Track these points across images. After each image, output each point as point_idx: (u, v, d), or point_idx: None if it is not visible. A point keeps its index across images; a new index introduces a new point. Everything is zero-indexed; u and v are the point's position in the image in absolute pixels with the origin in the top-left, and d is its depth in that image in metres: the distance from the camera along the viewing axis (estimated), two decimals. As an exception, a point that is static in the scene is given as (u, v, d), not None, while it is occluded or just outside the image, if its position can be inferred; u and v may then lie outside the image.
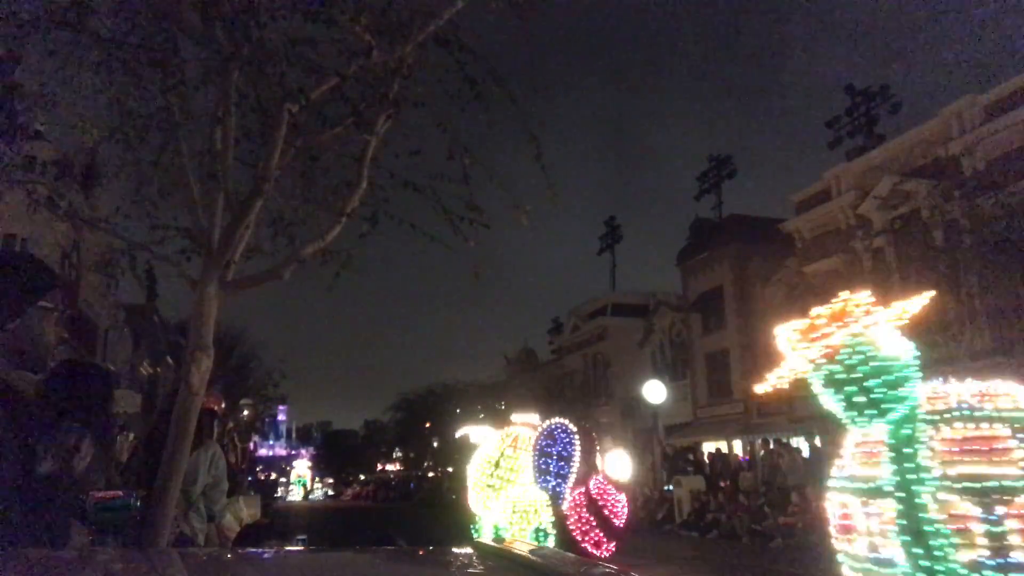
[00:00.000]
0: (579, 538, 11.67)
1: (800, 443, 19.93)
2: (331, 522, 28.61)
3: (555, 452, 12.52)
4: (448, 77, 4.63)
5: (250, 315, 49.95)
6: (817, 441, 20.86)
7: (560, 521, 11.58)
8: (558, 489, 12.21)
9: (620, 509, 10.93)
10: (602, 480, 11.48)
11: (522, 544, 1.66)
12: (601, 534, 11.57)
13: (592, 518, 11.10)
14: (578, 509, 11.44)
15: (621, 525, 10.61)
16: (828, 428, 22.40)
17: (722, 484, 20.80)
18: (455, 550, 1.65)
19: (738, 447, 27.56)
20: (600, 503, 11.10)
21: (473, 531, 11.58)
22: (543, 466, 12.36)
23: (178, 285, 4.18)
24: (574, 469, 11.93)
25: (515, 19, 4.53)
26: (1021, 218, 13.36)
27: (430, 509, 38.47)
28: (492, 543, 1.64)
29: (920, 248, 15.28)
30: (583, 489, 11.28)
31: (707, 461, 23.43)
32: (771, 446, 19.85)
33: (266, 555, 1.94)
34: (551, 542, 10.94)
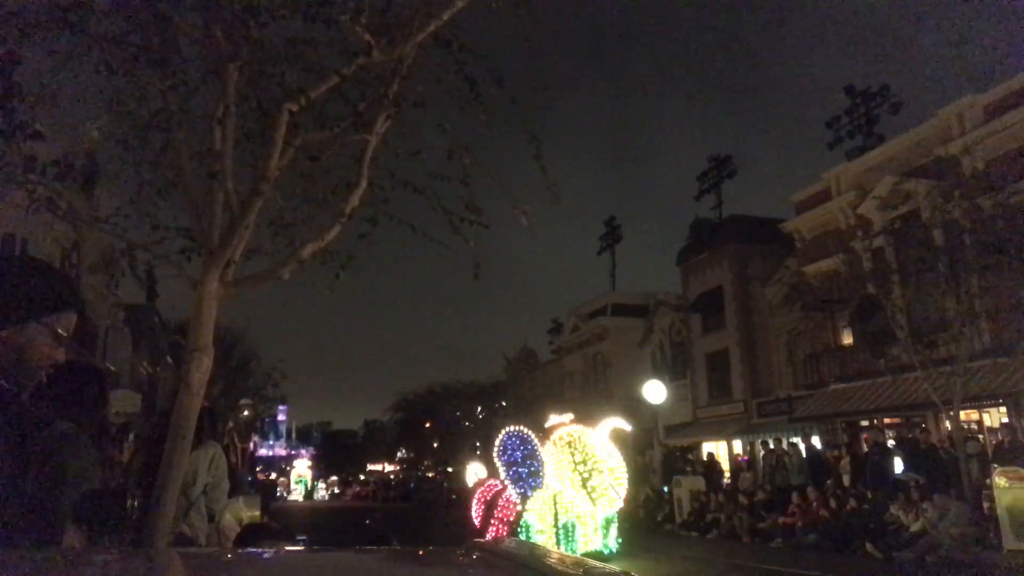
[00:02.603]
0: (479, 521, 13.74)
1: (799, 443, 19.88)
2: (332, 522, 28.59)
3: (519, 458, 13.09)
4: (448, 77, 4.63)
5: (250, 315, 49.91)
6: (816, 441, 20.87)
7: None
8: (533, 486, 12.83)
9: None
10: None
11: (522, 544, 1.66)
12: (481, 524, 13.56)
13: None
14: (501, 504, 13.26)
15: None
16: (827, 429, 22.44)
17: (719, 482, 20.83)
18: (455, 550, 1.65)
19: (738, 447, 27.57)
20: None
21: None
22: (514, 475, 13.01)
23: (178, 285, 4.18)
24: (541, 465, 12.73)
25: (515, 19, 4.53)
26: (1021, 218, 13.35)
27: (430, 510, 38.49)
28: (492, 543, 1.64)
29: (920, 248, 15.23)
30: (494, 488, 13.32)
31: (705, 461, 23.45)
32: (771, 446, 19.84)
33: (266, 555, 1.93)
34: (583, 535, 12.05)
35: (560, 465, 12.56)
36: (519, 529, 12.75)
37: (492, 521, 13.17)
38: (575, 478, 12.36)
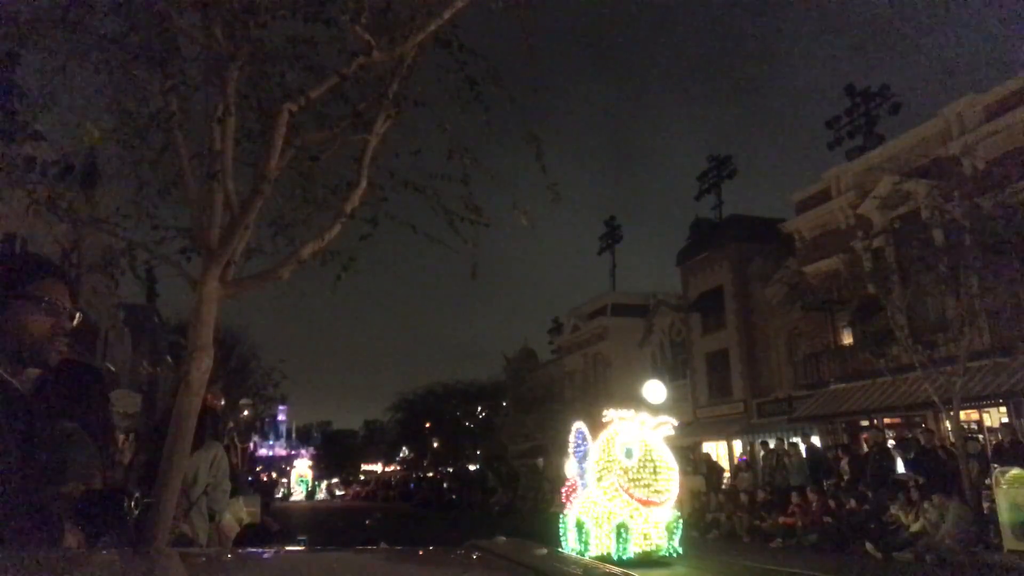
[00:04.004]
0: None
1: (799, 443, 19.88)
2: (332, 522, 28.59)
3: (581, 453, 13.10)
4: (448, 77, 4.64)
5: (250, 315, 49.99)
6: (816, 441, 20.87)
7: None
8: (585, 482, 12.82)
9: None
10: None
11: (520, 544, 1.66)
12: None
13: None
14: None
15: None
16: (827, 429, 22.42)
17: (719, 482, 20.81)
18: (455, 550, 1.65)
19: (738, 447, 27.55)
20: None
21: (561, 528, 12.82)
22: (579, 471, 12.95)
23: (178, 285, 4.18)
24: (590, 461, 12.69)
25: (515, 19, 4.53)
26: (1021, 218, 13.33)
27: (430, 509, 38.51)
28: (492, 543, 1.64)
29: (920, 248, 15.22)
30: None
31: (705, 461, 23.44)
32: (772, 446, 19.83)
33: (266, 555, 1.94)
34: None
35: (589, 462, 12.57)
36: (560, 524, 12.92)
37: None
38: (592, 476, 12.33)
